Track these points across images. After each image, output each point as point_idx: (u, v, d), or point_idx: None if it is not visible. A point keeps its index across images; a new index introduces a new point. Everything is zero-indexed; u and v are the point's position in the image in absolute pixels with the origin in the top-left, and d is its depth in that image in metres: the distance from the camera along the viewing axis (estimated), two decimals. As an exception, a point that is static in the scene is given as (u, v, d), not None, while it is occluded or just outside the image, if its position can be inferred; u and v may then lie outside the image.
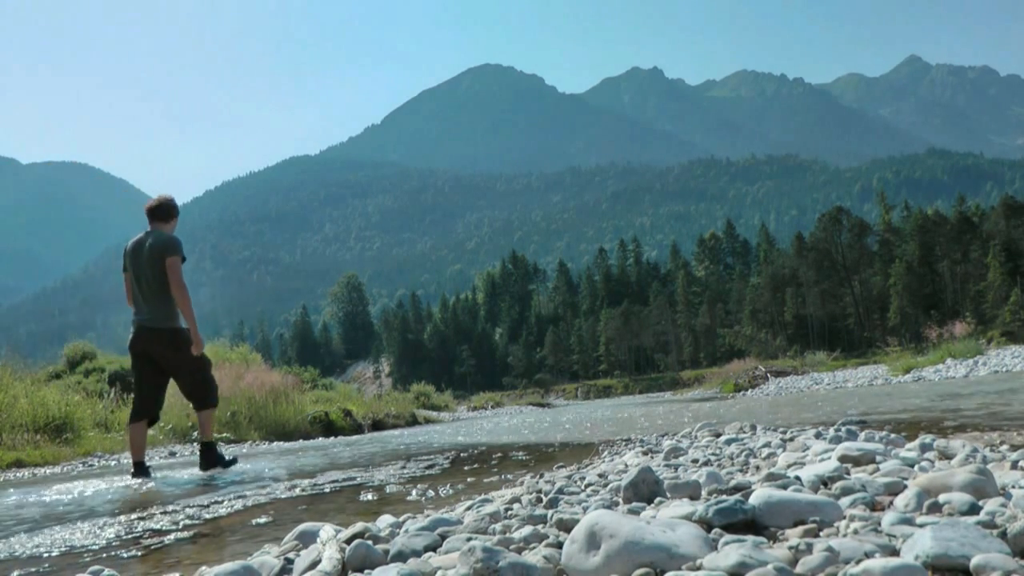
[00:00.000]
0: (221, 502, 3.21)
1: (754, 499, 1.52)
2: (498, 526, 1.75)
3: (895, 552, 1.20)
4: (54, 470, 6.74)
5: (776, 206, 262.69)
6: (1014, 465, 2.03)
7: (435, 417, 21.53)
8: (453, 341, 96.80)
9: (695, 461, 2.93)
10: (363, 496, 3.10)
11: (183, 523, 2.67)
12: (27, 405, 8.44)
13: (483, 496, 2.41)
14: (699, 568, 1.17)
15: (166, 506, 3.20)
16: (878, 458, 2.24)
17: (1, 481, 5.81)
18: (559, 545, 1.43)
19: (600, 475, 2.75)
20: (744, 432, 3.99)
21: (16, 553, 2.27)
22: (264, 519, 2.66)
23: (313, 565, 1.52)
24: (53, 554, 2.22)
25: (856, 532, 1.34)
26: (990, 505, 1.46)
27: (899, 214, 70.87)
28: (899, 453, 2.39)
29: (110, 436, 9.36)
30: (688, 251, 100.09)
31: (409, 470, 4.15)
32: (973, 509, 1.44)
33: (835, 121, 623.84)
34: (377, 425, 15.29)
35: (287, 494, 3.40)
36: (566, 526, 1.60)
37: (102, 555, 2.16)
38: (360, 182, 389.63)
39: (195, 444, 9.57)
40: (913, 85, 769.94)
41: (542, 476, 2.97)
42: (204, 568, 1.60)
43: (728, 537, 1.32)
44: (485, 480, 3.36)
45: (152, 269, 5.15)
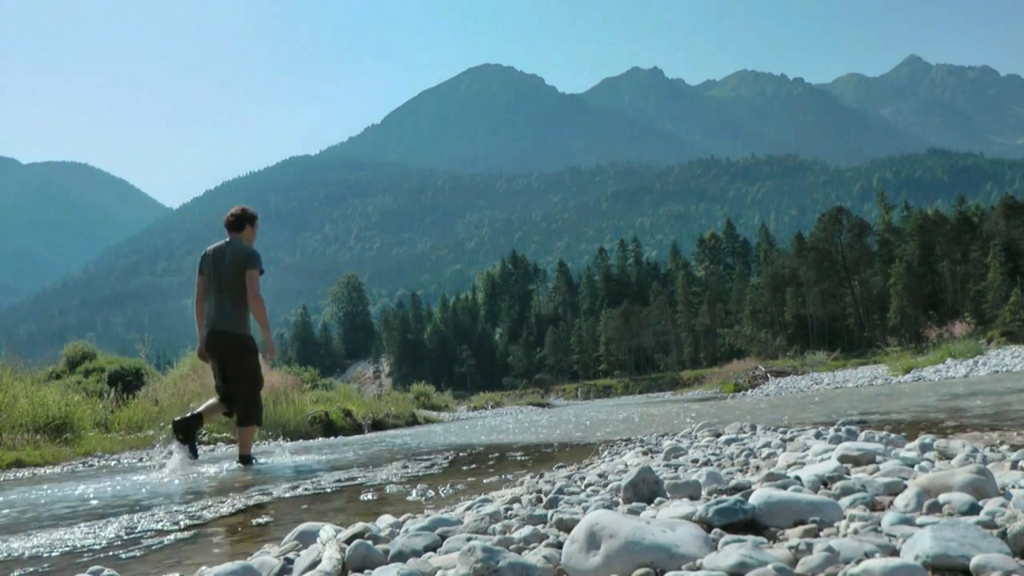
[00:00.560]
0: (223, 502, 3.21)
1: (754, 499, 1.52)
2: (498, 526, 1.75)
3: (895, 552, 1.20)
4: (54, 470, 6.74)
5: (776, 206, 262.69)
6: (1014, 465, 2.02)
7: (435, 417, 21.53)
8: (453, 341, 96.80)
9: (695, 461, 2.92)
10: (363, 496, 3.10)
11: (183, 523, 2.67)
12: (27, 405, 8.44)
13: (483, 496, 2.41)
14: (699, 568, 1.17)
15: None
16: (878, 458, 2.24)
17: (17, 479, 5.81)
18: (559, 545, 1.43)
19: (600, 475, 2.75)
20: (744, 432, 3.99)
21: (16, 553, 2.27)
22: (264, 519, 2.66)
23: (313, 565, 1.52)
24: (53, 554, 2.22)
25: (856, 532, 1.34)
26: (990, 505, 1.46)
27: (899, 214, 70.90)
28: (899, 453, 2.39)
29: (110, 436, 9.35)
30: (688, 251, 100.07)
31: (409, 470, 4.15)
32: (973, 509, 1.44)
33: (835, 121, 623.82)
34: (377, 425, 15.28)
35: (289, 494, 3.40)
36: (566, 526, 1.60)
37: (102, 555, 2.16)
38: (360, 182, 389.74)
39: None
40: (913, 85, 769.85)
41: (542, 476, 2.97)
42: (204, 568, 1.60)
43: (728, 537, 1.32)
44: (485, 480, 3.36)
45: (233, 278, 5.44)
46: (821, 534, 1.39)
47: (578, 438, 6.10)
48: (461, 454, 5.21)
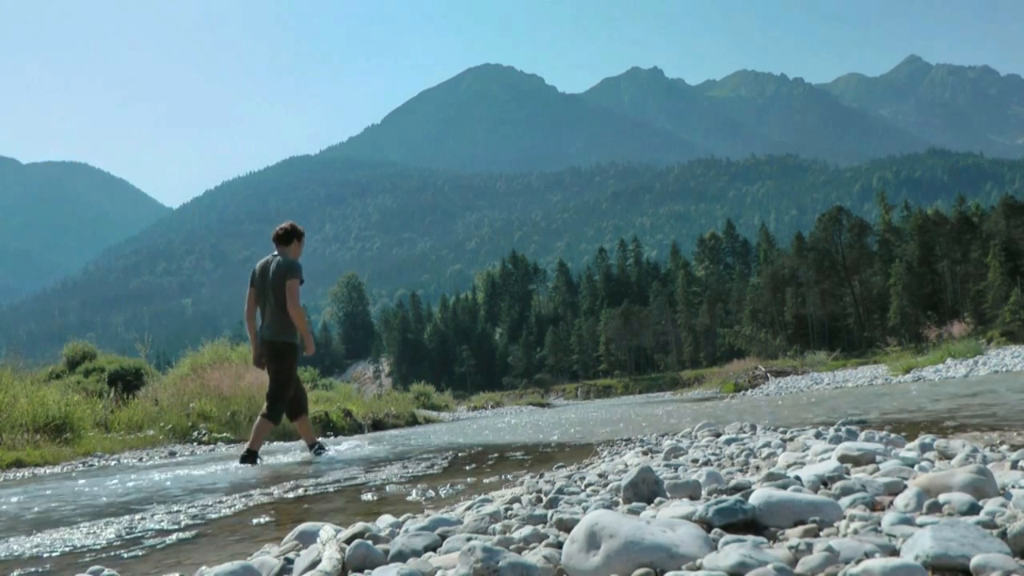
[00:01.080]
0: (223, 501, 3.21)
1: (754, 499, 1.52)
2: (498, 526, 1.75)
3: (895, 552, 1.20)
4: (54, 470, 6.74)
5: (776, 206, 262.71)
6: (1014, 465, 2.02)
7: (435, 417, 21.53)
8: (453, 341, 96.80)
9: (695, 461, 2.92)
10: (363, 496, 3.10)
11: (184, 523, 2.67)
12: (27, 405, 8.44)
13: (483, 496, 2.41)
14: (699, 568, 1.17)
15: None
16: (878, 458, 2.24)
17: (25, 477, 5.81)
18: (559, 545, 1.43)
19: (600, 475, 2.75)
20: (744, 432, 3.98)
21: (16, 553, 2.27)
22: (265, 519, 2.66)
23: (313, 565, 1.51)
24: (54, 554, 2.22)
25: (856, 532, 1.34)
26: (990, 505, 1.46)
27: (899, 214, 70.91)
28: (899, 453, 2.39)
29: (110, 436, 9.35)
30: (688, 251, 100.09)
31: (409, 470, 4.15)
32: (973, 509, 1.44)
33: (835, 121, 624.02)
34: (377, 425, 15.29)
35: (290, 494, 3.40)
36: (566, 526, 1.60)
37: (102, 555, 2.16)
38: (360, 182, 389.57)
39: (194, 444, 9.64)
40: (913, 85, 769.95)
41: (542, 476, 2.97)
42: (204, 568, 1.60)
43: (728, 537, 1.32)
44: (485, 480, 3.36)
45: (276, 289, 5.87)
46: (821, 534, 1.39)
47: (578, 438, 6.10)
48: (461, 454, 5.21)
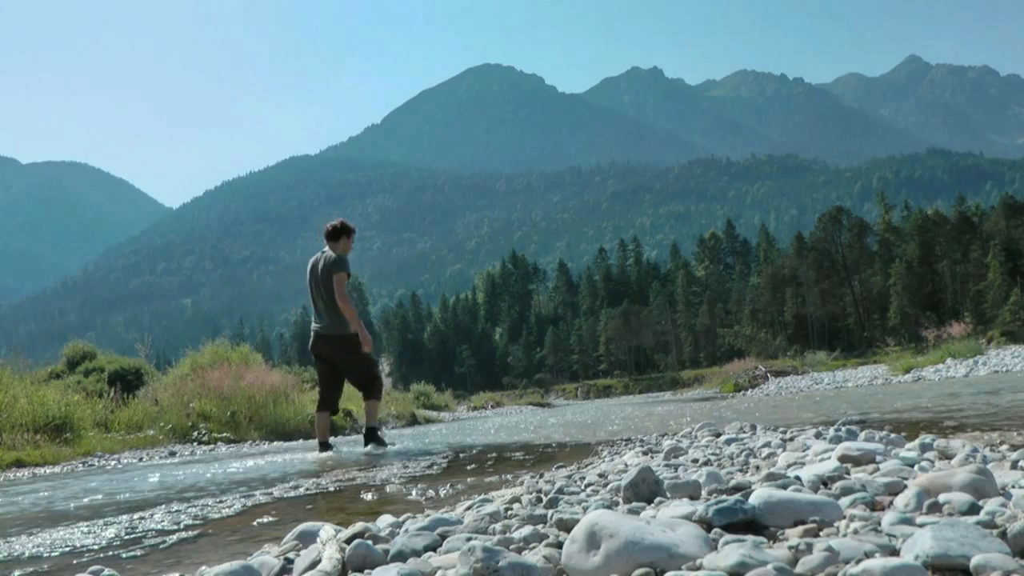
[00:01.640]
0: (224, 501, 3.21)
1: (754, 499, 1.52)
2: (498, 526, 1.74)
3: (895, 552, 1.20)
4: (54, 470, 6.74)
5: (776, 206, 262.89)
6: (1014, 465, 2.02)
7: (435, 417, 21.52)
8: (453, 341, 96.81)
9: (695, 461, 2.92)
10: (363, 496, 3.10)
11: (184, 523, 2.67)
12: (27, 405, 8.44)
13: (483, 496, 2.41)
14: (699, 568, 1.17)
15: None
16: (878, 458, 2.24)
17: (27, 478, 5.81)
18: (559, 545, 1.43)
19: (600, 475, 2.74)
20: (744, 432, 3.98)
21: (16, 553, 2.27)
22: (265, 519, 2.66)
23: (313, 565, 1.51)
24: (54, 554, 2.22)
25: (856, 532, 1.34)
26: (990, 505, 1.46)
27: (899, 214, 70.96)
28: (899, 453, 2.39)
29: (110, 436, 9.35)
30: (688, 251, 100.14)
31: (409, 470, 4.15)
32: (973, 509, 1.44)
33: (835, 121, 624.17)
34: (377, 425, 15.25)
35: (290, 494, 3.40)
36: (566, 526, 1.60)
37: (102, 555, 2.16)
38: (360, 182, 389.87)
39: (195, 444, 9.70)
40: (913, 85, 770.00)
41: (542, 476, 2.97)
42: (204, 568, 1.60)
43: (728, 537, 1.32)
44: (485, 480, 3.35)
45: (325, 283, 6.09)
46: (821, 534, 1.39)
47: (578, 438, 6.10)
48: (461, 454, 5.21)
